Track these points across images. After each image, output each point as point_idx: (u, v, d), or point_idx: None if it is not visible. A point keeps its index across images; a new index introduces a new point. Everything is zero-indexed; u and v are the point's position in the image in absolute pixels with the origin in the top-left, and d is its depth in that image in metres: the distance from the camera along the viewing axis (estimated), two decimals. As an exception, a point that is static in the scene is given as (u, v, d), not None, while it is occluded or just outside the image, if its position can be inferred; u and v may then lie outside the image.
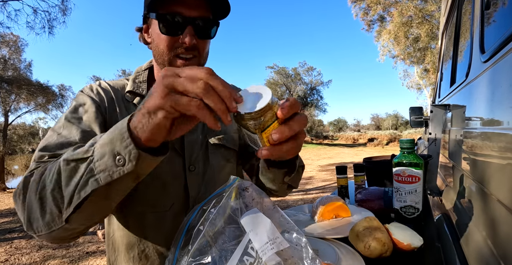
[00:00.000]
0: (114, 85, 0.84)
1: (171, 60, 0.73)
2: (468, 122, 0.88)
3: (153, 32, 0.74)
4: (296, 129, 0.46)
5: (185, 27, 0.69)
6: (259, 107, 0.43)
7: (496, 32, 0.69)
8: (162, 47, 0.72)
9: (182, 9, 0.68)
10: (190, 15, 0.69)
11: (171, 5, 0.68)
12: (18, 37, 14.46)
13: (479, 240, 0.66)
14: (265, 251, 0.47)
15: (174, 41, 0.71)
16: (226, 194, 0.54)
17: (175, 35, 0.70)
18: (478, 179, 0.71)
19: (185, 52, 0.72)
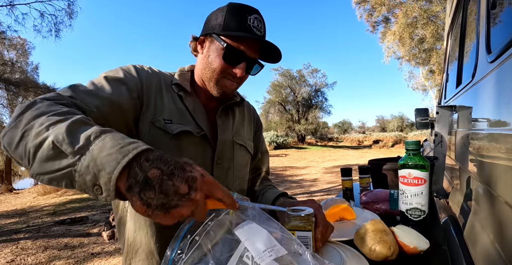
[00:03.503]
0: (161, 73, 0.92)
1: (219, 79, 0.87)
2: (474, 123, 0.87)
3: (211, 50, 0.86)
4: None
5: (241, 62, 0.85)
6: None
7: (503, 31, 0.68)
8: (216, 67, 0.85)
9: (245, 49, 0.83)
10: (249, 55, 0.85)
11: (238, 42, 0.82)
12: (25, 40, 14.69)
13: (486, 243, 0.65)
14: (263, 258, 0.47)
15: (228, 68, 0.85)
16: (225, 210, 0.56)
17: (231, 64, 0.85)
18: (485, 181, 0.70)
19: (232, 79, 0.88)
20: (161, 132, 0.83)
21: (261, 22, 0.85)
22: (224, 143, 0.94)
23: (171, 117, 0.85)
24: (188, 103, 0.90)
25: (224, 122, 0.97)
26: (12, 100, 13.40)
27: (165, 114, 0.84)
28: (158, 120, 0.83)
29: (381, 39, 16.16)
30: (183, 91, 0.90)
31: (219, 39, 0.83)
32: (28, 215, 6.18)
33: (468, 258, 0.74)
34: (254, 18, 0.83)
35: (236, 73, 0.85)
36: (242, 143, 1.01)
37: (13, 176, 14.05)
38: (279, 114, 29.28)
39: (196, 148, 0.88)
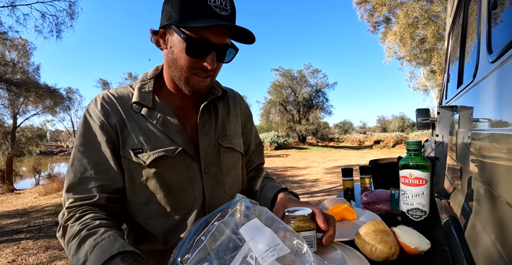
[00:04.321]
0: (118, 95, 0.84)
1: (189, 77, 0.78)
2: (475, 124, 0.87)
3: (173, 44, 0.75)
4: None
5: (209, 53, 0.73)
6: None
7: (504, 31, 0.68)
8: (182, 65, 0.75)
9: (210, 36, 0.71)
10: (216, 42, 0.72)
11: (200, 30, 0.71)
12: (27, 41, 14.73)
13: (487, 244, 0.65)
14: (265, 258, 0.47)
15: (196, 62, 0.75)
16: (231, 211, 0.58)
17: (198, 57, 0.74)
18: (486, 181, 0.70)
19: (203, 73, 0.77)
20: (135, 164, 0.79)
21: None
22: (207, 148, 0.88)
23: (140, 144, 0.79)
24: (154, 119, 0.81)
25: (205, 123, 0.89)
26: (13, 101, 13.43)
27: (133, 144, 0.79)
28: (128, 153, 0.78)
29: (382, 39, 16.14)
30: (145, 108, 0.82)
31: (178, 30, 0.71)
32: (29, 215, 6.18)
33: (469, 259, 0.74)
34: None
35: (207, 66, 0.74)
36: (229, 145, 0.93)
37: (14, 176, 14.07)
38: (280, 114, 29.28)
39: (178, 167, 0.83)
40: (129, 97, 0.84)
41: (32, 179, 15.14)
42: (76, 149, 0.78)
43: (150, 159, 0.78)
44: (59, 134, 39.82)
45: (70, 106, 18.00)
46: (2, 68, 12.20)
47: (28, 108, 15.02)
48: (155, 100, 0.84)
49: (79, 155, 0.77)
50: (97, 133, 0.78)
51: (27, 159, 15.76)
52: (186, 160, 0.84)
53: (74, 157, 0.78)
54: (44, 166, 19.06)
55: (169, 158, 0.80)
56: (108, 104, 0.81)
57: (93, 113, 0.80)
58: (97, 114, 0.80)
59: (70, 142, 21.45)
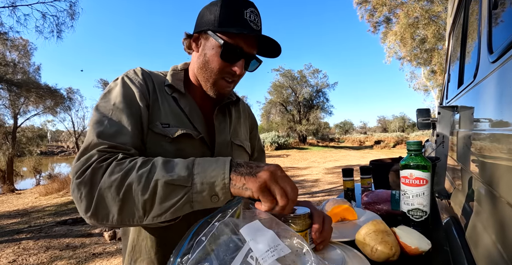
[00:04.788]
0: (153, 74, 0.89)
1: (217, 80, 0.85)
2: (476, 124, 0.87)
3: (207, 48, 0.82)
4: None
5: (240, 59, 0.82)
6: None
7: (504, 31, 0.68)
8: (213, 67, 0.83)
9: (243, 45, 0.80)
10: (247, 51, 0.82)
11: (235, 38, 0.79)
12: (27, 41, 14.76)
13: (488, 244, 0.65)
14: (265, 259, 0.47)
15: (226, 66, 0.82)
16: (231, 211, 0.59)
17: (229, 62, 0.82)
18: (487, 181, 0.70)
19: (230, 77, 0.85)
20: (160, 137, 0.80)
21: (257, 16, 0.81)
22: (221, 145, 0.92)
23: (168, 120, 0.83)
24: (183, 105, 0.87)
25: (221, 123, 0.95)
26: (14, 101, 13.45)
27: (162, 118, 0.82)
28: (155, 125, 0.80)
29: (383, 40, 16.14)
30: (177, 92, 0.87)
31: (215, 36, 0.79)
32: (30, 215, 6.19)
33: (470, 259, 0.74)
34: (250, 11, 0.79)
35: (235, 71, 0.82)
36: (240, 143, 0.99)
37: (15, 176, 14.09)
38: (280, 114, 29.29)
39: (195, 151, 0.86)
40: (162, 78, 0.89)
41: (33, 179, 15.17)
42: (113, 106, 0.76)
43: (178, 133, 0.82)
44: (59, 134, 39.83)
45: (70, 106, 18.03)
46: (3, 69, 12.21)
47: (28, 108, 15.05)
48: (185, 88, 0.90)
49: (117, 111, 0.75)
50: (138, 96, 0.80)
51: (28, 159, 15.78)
52: (203, 149, 0.88)
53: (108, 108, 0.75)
54: (45, 166, 19.09)
55: (191, 139, 0.85)
56: (147, 76, 0.87)
57: (134, 79, 0.83)
58: (138, 80, 0.83)
59: (71, 142, 21.50)
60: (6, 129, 13.75)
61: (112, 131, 0.71)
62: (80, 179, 0.61)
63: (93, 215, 0.60)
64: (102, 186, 0.60)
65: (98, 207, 0.60)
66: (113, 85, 0.82)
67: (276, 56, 0.88)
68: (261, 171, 0.59)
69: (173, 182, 0.58)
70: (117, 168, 0.62)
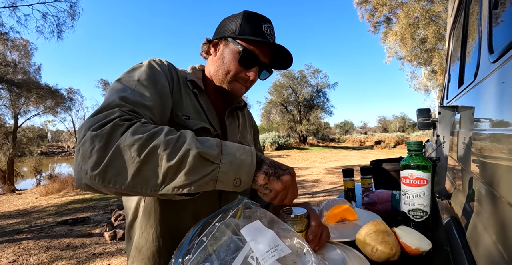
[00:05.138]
0: (176, 68, 0.93)
1: (231, 82, 0.91)
2: (476, 124, 0.87)
3: (226, 53, 0.89)
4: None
5: (254, 66, 0.89)
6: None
7: (505, 31, 0.68)
8: (231, 69, 0.89)
9: (260, 54, 0.88)
10: (262, 60, 0.90)
11: (253, 47, 0.87)
12: (28, 42, 14.76)
13: (489, 244, 0.65)
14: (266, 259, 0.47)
15: (241, 71, 0.89)
16: (232, 212, 0.60)
17: (245, 67, 0.89)
18: (487, 181, 0.70)
19: (243, 82, 0.92)
20: (179, 128, 0.76)
21: (273, 31, 0.90)
22: None
23: (189, 113, 0.86)
24: (202, 101, 0.91)
25: (231, 123, 1.00)
26: (14, 101, 13.46)
27: (183, 109, 0.85)
28: (177, 115, 0.82)
29: (383, 40, 16.13)
30: (197, 88, 0.91)
31: (235, 42, 0.86)
32: (30, 215, 6.19)
33: (470, 259, 0.74)
34: (268, 26, 0.88)
35: (250, 76, 0.89)
36: (247, 144, 1.00)
37: (15, 176, 14.10)
38: (280, 114, 29.28)
39: None
40: (183, 74, 0.93)
41: (33, 179, 15.18)
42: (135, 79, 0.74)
43: (198, 126, 0.84)
44: (60, 135, 39.89)
45: (71, 107, 18.03)
46: (4, 69, 12.23)
47: (29, 109, 15.05)
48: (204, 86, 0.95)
49: (141, 85, 0.73)
50: (163, 79, 0.81)
51: (28, 160, 15.78)
52: None
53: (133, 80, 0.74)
54: (45, 167, 19.10)
55: (209, 134, 0.87)
56: (172, 66, 0.91)
57: (159, 64, 0.85)
58: (163, 67, 0.86)
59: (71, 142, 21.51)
60: (7, 129, 13.76)
61: (135, 100, 0.67)
62: (97, 131, 0.55)
63: (100, 174, 0.53)
64: (121, 143, 0.54)
65: (110, 165, 0.53)
66: (138, 65, 0.82)
67: (286, 68, 0.96)
68: (284, 175, 0.64)
69: (205, 155, 0.56)
70: (142, 129, 0.57)
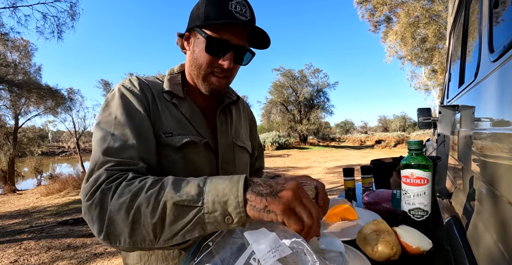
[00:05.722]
0: (150, 82, 0.88)
1: (206, 76, 0.82)
2: (477, 123, 0.86)
3: (195, 45, 0.81)
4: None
5: (227, 52, 0.78)
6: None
7: (505, 30, 0.68)
8: (201, 63, 0.80)
9: (229, 37, 0.77)
10: (234, 43, 0.78)
11: (221, 31, 0.77)
12: (28, 42, 14.76)
13: (489, 243, 0.65)
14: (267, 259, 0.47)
15: (214, 61, 0.80)
16: None
17: (217, 56, 0.79)
18: (488, 181, 0.70)
19: (220, 72, 0.82)
20: (165, 147, 0.80)
21: (245, 6, 0.78)
22: (225, 147, 0.92)
23: (171, 129, 0.82)
24: (184, 110, 0.86)
25: (223, 124, 0.95)
26: (15, 101, 13.47)
27: (164, 127, 0.81)
28: (159, 136, 0.80)
29: (383, 39, 16.13)
30: (176, 97, 0.86)
31: (200, 31, 0.78)
32: (31, 215, 6.20)
33: (471, 258, 0.74)
34: (236, 3, 0.77)
35: (223, 64, 0.79)
36: (242, 144, 0.99)
37: (16, 176, 14.12)
38: (281, 114, 29.28)
39: (201, 157, 0.85)
40: (159, 85, 0.88)
41: (34, 180, 15.20)
42: (115, 120, 0.74)
43: (181, 142, 0.81)
44: (60, 135, 39.88)
45: (71, 107, 17.98)
46: (4, 69, 12.23)
47: (29, 109, 15.05)
48: (184, 92, 0.89)
49: (119, 125, 0.74)
50: (138, 107, 0.78)
51: (29, 160, 15.80)
52: (208, 154, 0.88)
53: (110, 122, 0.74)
54: (46, 167, 19.12)
55: (196, 145, 0.84)
56: (144, 84, 0.85)
57: (131, 89, 0.82)
58: (135, 91, 0.82)
59: (72, 142, 21.54)
60: (7, 130, 13.77)
61: (117, 146, 0.69)
62: (90, 201, 0.60)
63: (105, 238, 0.59)
64: (112, 208, 0.58)
65: (110, 230, 0.58)
66: (110, 97, 0.80)
67: (265, 47, 0.85)
68: (283, 191, 0.54)
69: (181, 202, 0.55)
70: (126, 189, 0.60)
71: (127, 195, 0.58)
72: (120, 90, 0.80)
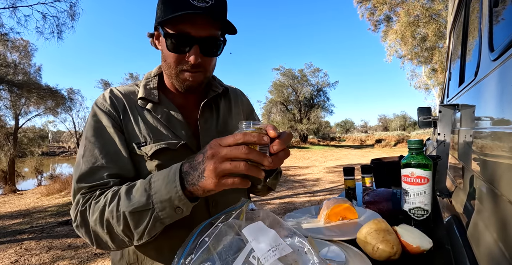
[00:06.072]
0: (125, 92, 0.87)
1: (178, 74, 0.78)
2: (477, 122, 0.86)
3: (162, 44, 0.78)
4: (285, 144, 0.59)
5: (192, 46, 0.73)
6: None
7: (505, 29, 0.67)
8: (169, 62, 0.77)
9: (190, 29, 0.71)
10: (197, 35, 0.72)
11: (179, 25, 0.71)
12: (28, 42, 14.78)
13: (490, 242, 0.65)
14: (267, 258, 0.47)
15: (181, 58, 0.75)
16: (236, 213, 0.59)
17: (182, 53, 0.74)
18: (488, 180, 0.70)
19: (190, 69, 0.77)
20: (140, 158, 0.80)
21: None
22: None
23: (144, 138, 0.81)
24: (159, 114, 0.84)
25: (207, 120, 0.90)
26: (15, 102, 13.47)
27: (136, 138, 0.81)
28: (132, 147, 0.80)
29: (383, 38, 16.13)
30: (150, 103, 0.84)
31: (160, 29, 0.74)
32: (32, 215, 6.21)
33: (471, 258, 0.74)
34: None
35: (190, 60, 0.73)
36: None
37: (16, 177, 14.12)
38: (281, 113, 29.30)
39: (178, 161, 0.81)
40: (135, 94, 0.87)
41: (34, 180, 15.21)
42: (86, 141, 0.78)
43: (152, 150, 0.79)
44: (60, 135, 39.92)
45: (71, 107, 18.04)
46: (4, 70, 12.23)
47: (29, 109, 15.08)
48: (160, 96, 0.87)
49: (89, 146, 0.77)
50: (107, 124, 0.79)
51: (29, 160, 15.82)
52: (188, 155, 0.84)
53: (84, 149, 0.78)
54: (46, 167, 19.13)
55: (171, 151, 0.81)
56: (116, 98, 0.84)
57: (102, 106, 0.82)
58: (106, 107, 0.82)
59: (72, 142, 21.53)
60: (8, 130, 13.78)
61: (87, 172, 0.75)
62: (75, 223, 0.71)
63: (98, 247, 0.71)
64: (92, 225, 0.68)
65: (97, 241, 0.70)
66: (88, 116, 0.83)
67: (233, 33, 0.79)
68: (205, 167, 0.56)
69: (136, 209, 0.63)
70: (95, 206, 0.68)
71: (96, 212, 0.67)
72: (93, 108, 0.83)
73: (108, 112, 0.81)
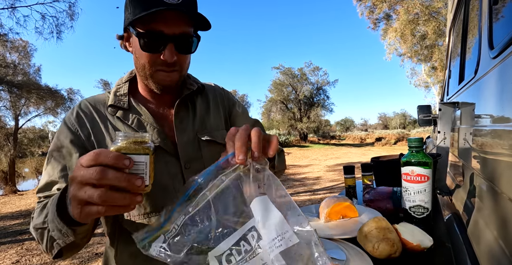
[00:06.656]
0: (95, 103, 0.87)
1: (153, 74, 0.77)
2: (477, 120, 0.86)
3: (134, 44, 0.76)
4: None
5: (166, 45, 0.71)
6: None
7: (505, 27, 0.67)
8: (143, 62, 0.75)
9: (163, 27, 0.69)
10: (170, 33, 0.70)
11: (151, 23, 0.69)
12: (27, 43, 14.74)
13: (490, 240, 0.65)
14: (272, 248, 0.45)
15: (156, 57, 0.73)
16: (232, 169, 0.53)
17: (156, 52, 0.72)
18: (488, 177, 0.70)
19: (166, 68, 0.75)
20: None
21: None
22: (186, 145, 0.86)
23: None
24: (130, 120, 0.83)
25: (182, 119, 0.88)
26: (15, 102, 13.47)
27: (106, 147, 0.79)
28: None
29: (383, 36, 16.11)
30: (121, 109, 0.84)
31: (132, 29, 0.71)
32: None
33: (471, 255, 0.74)
34: None
35: (166, 59, 0.72)
36: (209, 137, 0.90)
37: (17, 177, 14.14)
38: (281, 112, 29.29)
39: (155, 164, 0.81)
40: (106, 102, 0.86)
41: (35, 180, 15.23)
42: (48, 154, 0.82)
43: None
44: (61, 135, 39.73)
45: (71, 107, 18.03)
46: (3, 70, 12.22)
47: (29, 110, 15.06)
48: (130, 102, 0.86)
49: (50, 160, 0.80)
50: (68, 139, 0.80)
51: (30, 160, 15.84)
52: (164, 157, 0.83)
53: (46, 162, 0.81)
54: (47, 167, 19.12)
55: None
56: (83, 112, 0.84)
57: (68, 121, 0.83)
58: (71, 122, 0.82)
59: (72, 142, 21.62)
60: (7, 131, 13.78)
61: (44, 185, 0.77)
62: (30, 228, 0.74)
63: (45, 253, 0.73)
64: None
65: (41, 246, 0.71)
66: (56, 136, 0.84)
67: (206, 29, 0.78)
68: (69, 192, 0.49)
69: (37, 226, 0.65)
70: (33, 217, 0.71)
71: (31, 222, 0.70)
72: (61, 124, 0.84)
73: (71, 127, 0.82)
